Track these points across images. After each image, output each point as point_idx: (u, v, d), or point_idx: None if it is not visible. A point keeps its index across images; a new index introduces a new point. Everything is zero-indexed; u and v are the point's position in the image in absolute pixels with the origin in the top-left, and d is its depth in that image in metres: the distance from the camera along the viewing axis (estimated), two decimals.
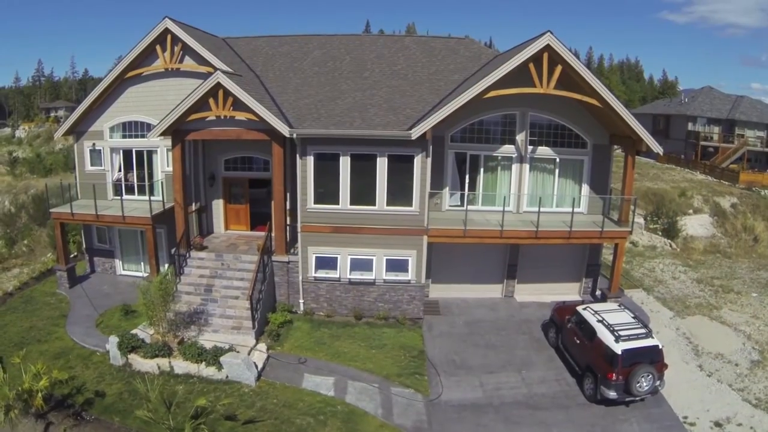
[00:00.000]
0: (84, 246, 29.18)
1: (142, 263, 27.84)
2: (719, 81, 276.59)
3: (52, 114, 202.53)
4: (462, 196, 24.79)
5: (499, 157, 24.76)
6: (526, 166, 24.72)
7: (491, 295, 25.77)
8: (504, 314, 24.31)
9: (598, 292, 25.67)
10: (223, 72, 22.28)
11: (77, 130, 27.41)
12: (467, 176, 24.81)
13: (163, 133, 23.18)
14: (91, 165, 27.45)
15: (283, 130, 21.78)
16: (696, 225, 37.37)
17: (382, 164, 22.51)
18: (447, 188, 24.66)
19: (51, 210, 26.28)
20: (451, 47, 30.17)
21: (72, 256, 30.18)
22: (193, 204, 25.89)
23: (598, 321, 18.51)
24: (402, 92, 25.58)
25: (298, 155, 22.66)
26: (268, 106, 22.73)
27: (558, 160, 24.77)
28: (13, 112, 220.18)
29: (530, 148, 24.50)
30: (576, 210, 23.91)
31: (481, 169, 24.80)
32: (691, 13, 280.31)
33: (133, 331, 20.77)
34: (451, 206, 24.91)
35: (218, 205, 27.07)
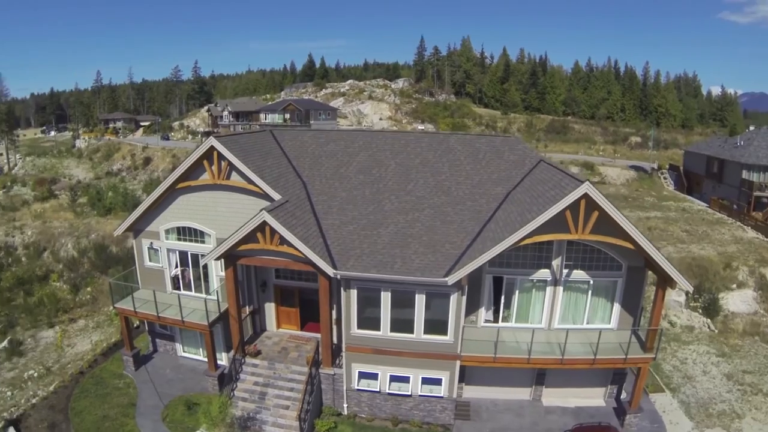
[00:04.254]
0: (147, 328, 34.97)
1: (200, 348, 33.41)
2: None
3: (111, 125, 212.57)
4: (496, 311, 29.08)
5: (535, 280, 28.56)
6: (560, 288, 28.56)
7: (520, 397, 30.56)
8: (528, 421, 29.12)
9: (623, 395, 30.20)
10: (269, 210, 26.22)
11: (136, 228, 32.28)
12: (503, 296, 28.82)
13: (216, 259, 27.93)
14: (150, 261, 32.67)
15: (328, 270, 26.18)
16: (738, 301, 40.38)
17: (420, 299, 26.94)
18: (483, 307, 28.90)
19: (116, 305, 31.89)
20: (496, 148, 33.61)
21: (135, 326, 36.09)
22: (247, 307, 31.05)
23: None
24: (444, 216, 29.52)
25: (342, 287, 27.22)
26: (314, 243, 26.94)
27: (592, 282, 28.45)
28: (72, 119, 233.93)
29: (565, 271, 28.23)
30: (605, 326, 28.16)
31: (517, 291, 28.71)
32: (753, 13, 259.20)
33: None
34: (486, 320, 29.20)
35: (270, 308, 32.45)
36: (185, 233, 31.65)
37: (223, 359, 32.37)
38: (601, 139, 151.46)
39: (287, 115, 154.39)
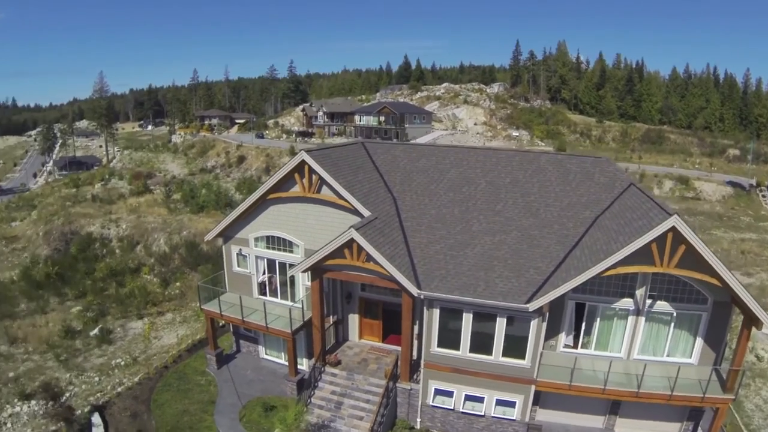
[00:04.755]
0: (232, 329, 37.22)
1: (282, 352, 35.35)
2: None
3: (206, 122, 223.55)
4: (576, 336, 29.85)
5: (617, 309, 29.11)
6: (642, 318, 29.03)
7: (593, 425, 31.10)
8: None
9: None
10: (357, 228, 27.73)
11: (226, 235, 34.46)
12: (584, 322, 29.52)
13: (303, 272, 29.69)
14: (238, 266, 34.90)
15: (412, 290, 27.53)
16: None
17: (501, 323, 27.97)
18: (563, 333, 29.70)
19: (203, 307, 34.31)
20: (587, 170, 34.15)
21: (220, 326, 38.41)
22: (331, 317, 32.79)
23: None
24: (530, 239, 30.42)
25: (425, 306, 28.53)
26: (400, 262, 28.32)
27: (675, 314, 28.80)
28: (169, 114, 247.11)
29: (648, 302, 28.69)
30: (686, 361, 28.58)
31: (598, 318, 29.34)
32: None
33: None
34: (566, 345, 29.97)
35: (354, 319, 34.17)
36: (274, 242, 33.62)
37: (304, 365, 34.32)
38: (698, 150, 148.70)
39: (382, 118, 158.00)
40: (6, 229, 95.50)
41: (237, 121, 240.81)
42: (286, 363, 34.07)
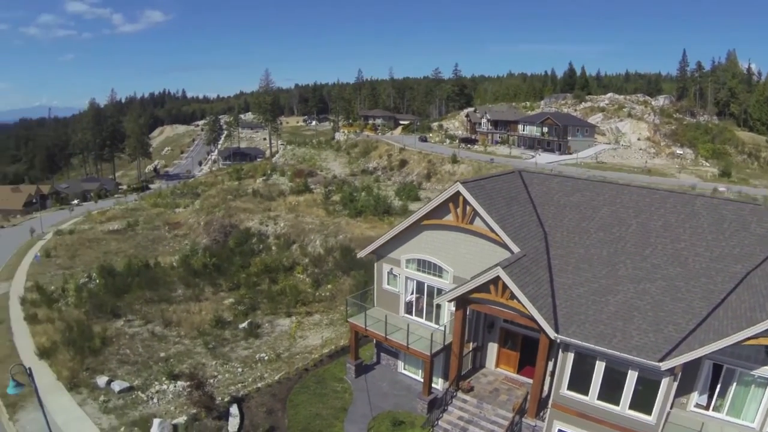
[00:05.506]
0: (374, 341, 40.88)
1: (419, 370, 38.44)
2: None
3: (370, 121, 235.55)
4: (710, 397, 30.81)
5: (756, 376, 29.43)
6: None
7: None
8: None
9: None
10: (504, 266, 30.21)
11: (378, 253, 38.21)
12: (719, 384, 30.05)
13: (448, 301, 32.68)
14: (388, 284, 38.62)
15: (549, 332, 29.73)
16: None
17: (631, 376, 29.44)
18: (696, 392, 30.68)
19: (349, 320, 38.22)
20: (743, 218, 34.07)
21: (364, 335, 42.20)
22: (471, 343, 35.59)
23: None
24: (674, 291, 31.33)
25: (560, 348, 30.68)
26: (542, 303, 30.55)
27: None
28: (333, 112, 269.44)
29: None
30: None
31: (734, 382, 29.84)
32: None
33: None
34: (697, 404, 30.77)
35: (493, 347, 36.80)
36: (424, 265, 36.92)
37: (439, 384, 37.24)
38: None
39: (545, 129, 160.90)
40: (170, 215, 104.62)
41: (401, 122, 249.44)
42: (422, 379, 36.97)
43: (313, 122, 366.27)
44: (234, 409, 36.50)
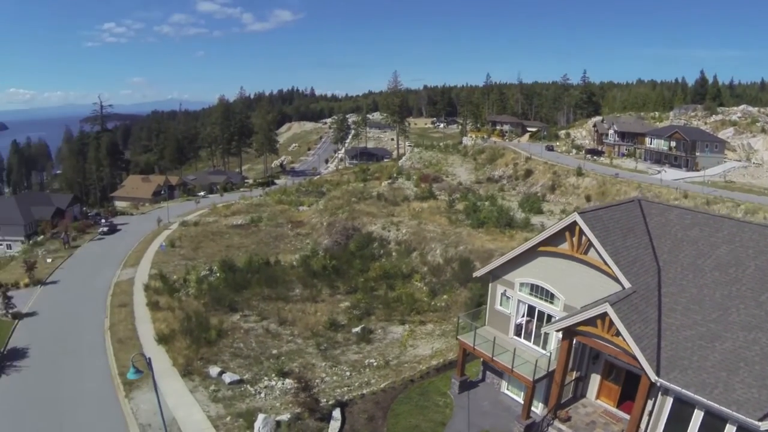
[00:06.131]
0: (482, 359, 42.44)
1: (522, 392, 39.58)
2: None
3: (498, 127, 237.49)
4: None
5: None
6: None
7: None
8: None
9: None
10: (612, 303, 30.99)
11: (494, 273, 40.06)
12: None
13: (555, 331, 33.99)
14: (500, 305, 40.35)
15: (650, 374, 30.26)
16: None
17: (729, 430, 29.12)
18: None
19: (458, 337, 40.12)
20: None
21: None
22: (575, 372, 36.65)
23: None
24: None
25: (660, 391, 31.23)
26: (646, 344, 31.12)
27: None
28: (461, 115, 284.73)
29: None
30: None
31: None
32: None
33: None
34: None
35: (595, 378, 37.40)
36: (537, 290, 38.35)
37: (538, 408, 38.30)
38: None
39: (673, 144, 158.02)
40: (293, 213, 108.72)
41: (528, 129, 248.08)
42: (523, 402, 38.17)
43: (441, 125, 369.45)
44: (336, 413, 38.71)
